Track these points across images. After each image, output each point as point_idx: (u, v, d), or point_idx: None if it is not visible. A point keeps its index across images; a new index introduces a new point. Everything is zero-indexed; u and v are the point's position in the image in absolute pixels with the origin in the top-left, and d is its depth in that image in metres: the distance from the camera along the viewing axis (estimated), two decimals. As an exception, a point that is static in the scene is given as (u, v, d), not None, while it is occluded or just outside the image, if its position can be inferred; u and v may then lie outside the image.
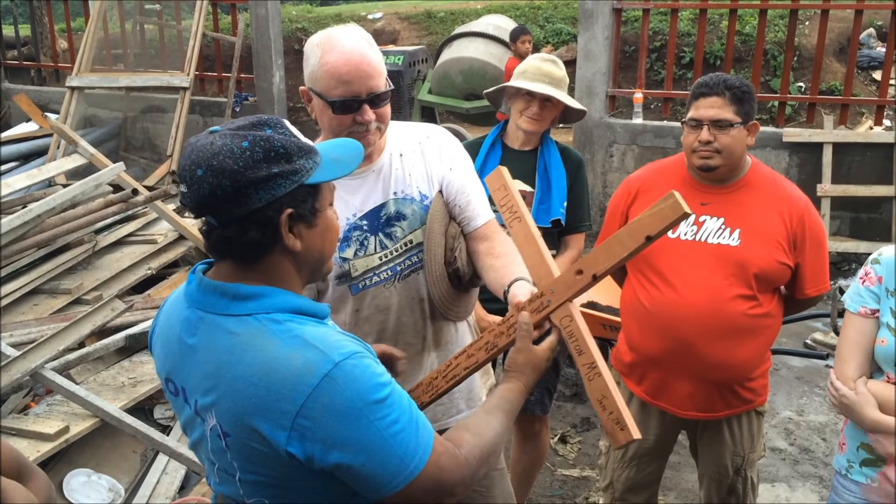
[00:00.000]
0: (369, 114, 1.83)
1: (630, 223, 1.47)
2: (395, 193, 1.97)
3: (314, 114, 1.91)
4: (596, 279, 1.49)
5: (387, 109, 1.90)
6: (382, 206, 1.96)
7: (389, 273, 1.98)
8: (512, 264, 1.88)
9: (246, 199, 1.23)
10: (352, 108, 1.81)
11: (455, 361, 1.69)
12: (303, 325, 1.28)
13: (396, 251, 1.98)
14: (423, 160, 2.02)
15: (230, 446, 1.30)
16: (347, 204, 1.92)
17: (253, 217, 1.24)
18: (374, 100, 1.83)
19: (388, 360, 1.71)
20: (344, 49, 1.80)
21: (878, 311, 2.00)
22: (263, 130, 1.26)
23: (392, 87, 1.92)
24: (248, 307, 1.28)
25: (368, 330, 1.98)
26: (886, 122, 6.27)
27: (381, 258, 1.97)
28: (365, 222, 1.95)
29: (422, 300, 2.02)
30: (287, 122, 1.32)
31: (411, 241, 1.99)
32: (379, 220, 1.96)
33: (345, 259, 1.94)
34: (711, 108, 2.27)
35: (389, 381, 1.28)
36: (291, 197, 1.26)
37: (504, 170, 1.81)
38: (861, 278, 2.06)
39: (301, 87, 1.93)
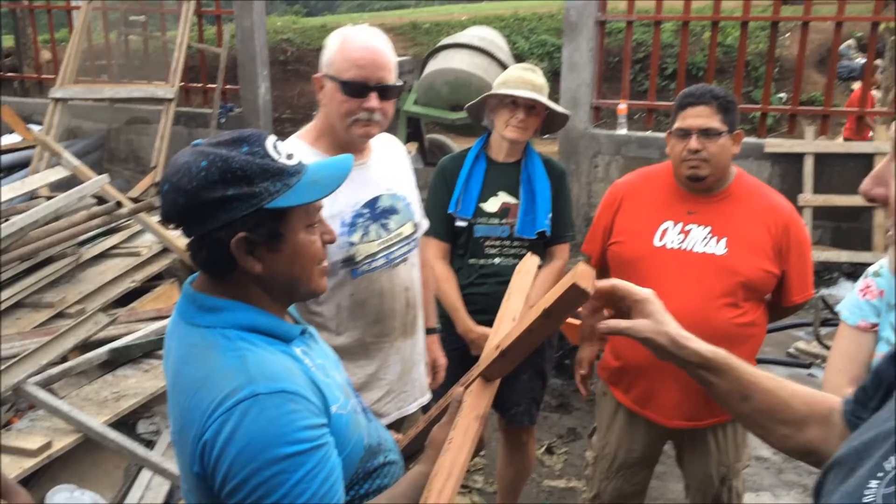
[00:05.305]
0: (375, 101, 1.99)
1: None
2: (388, 189, 2.17)
3: (323, 102, 2.04)
4: (503, 354, 1.41)
5: (391, 106, 2.06)
6: (378, 198, 2.14)
7: (384, 260, 2.16)
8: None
9: (202, 218, 1.22)
10: (361, 92, 1.97)
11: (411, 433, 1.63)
12: (253, 345, 1.24)
13: (390, 241, 2.17)
14: (398, 164, 2.28)
15: (176, 456, 1.31)
16: (353, 192, 2.05)
17: (209, 237, 1.23)
18: (383, 90, 2.00)
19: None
20: (363, 38, 2.01)
21: (877, 324, 1.95)
22: (238, 147, 1.23)
23: (400, 83, 2.09)
24: (209, 319, 1.27)
25: (362, 313, 2.14)
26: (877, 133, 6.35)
27: (379, 245, 2.14)
28: (367, 210, 2.11)
29: (406, 289, 2.23)
30: (270, 140, 1.28)
31: (402, 234, 2.20)
32: (375, 210, 2.13)
33: (352, 244, 2.08)
34: (699, 117, 2.29)
35: (315, 440, 1.19)
36: (248, 220, 1.22)
37: (535, 261, 1.83)
38: (861, 290, 2.02)
39: (315, 76, 2.06)
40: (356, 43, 2.00)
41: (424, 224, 2.37)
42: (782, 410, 1.25)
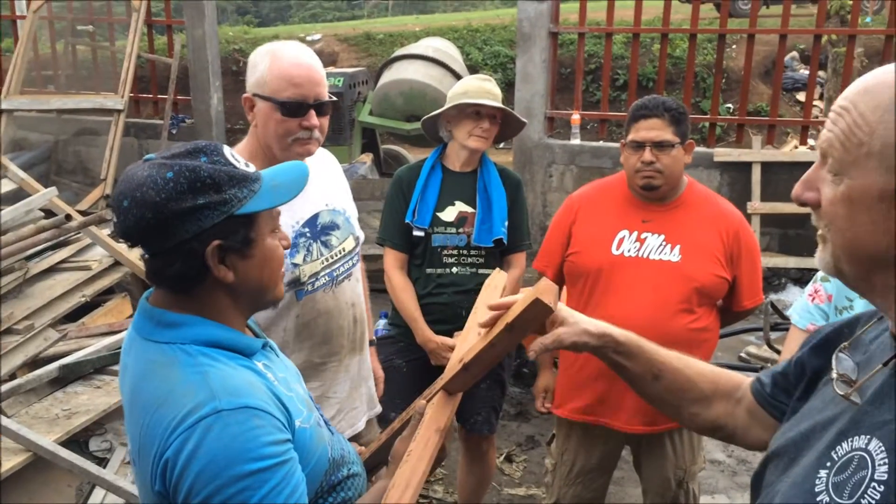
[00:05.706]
0: (315, 119, 1.95)
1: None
2: (326, 204, 2.13)
3: (255, 122, 1.98)
4: (465, 367, 1.42)
5: (326, 121, 2.03)
6: (317, 214, 2.10)
7: (328, 279, 2.12)
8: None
9: (171, 230, 1.20)
10: (299, 111, 1.92)
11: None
12: (215, 361, 1.23)
13: (333, 257, 2.13)
14: (333, 178, 2.24)
15: (135, 475, 1.28)
16: (293, 211, 2.00)
17: (179, 249, 1.21)
18: (320, 107, 1.97)
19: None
20: (295, 55, 1.96)
21: None
22: (197, 159, 1.22)
23: (334, 99, 2.06)
24: (168, 335, 1.25)
25: (309, 334, 2.10)
26: (811, 142, 6.53)
27: (321, 263, 2.08)
28: (307, 229, 2.07)
29: (352, 305, 2.20)
30: (227, 149, 1.28)
31: (344, 249, 2.16)
32: (316, 228, 2.09)
33: (296, 265, 2.03)
34: (652, 129, 2.35)
35: (279, 455, 1.18)
36: (220, 228, 1.21)
37: (504, 276, 1.80)
38: (810, 295, 2.10)
39: (244, 95, 2.00)
40: (289, 60, 1.94)
41: (363, 236, 2.34)
42: (690, 389, 1.33)
